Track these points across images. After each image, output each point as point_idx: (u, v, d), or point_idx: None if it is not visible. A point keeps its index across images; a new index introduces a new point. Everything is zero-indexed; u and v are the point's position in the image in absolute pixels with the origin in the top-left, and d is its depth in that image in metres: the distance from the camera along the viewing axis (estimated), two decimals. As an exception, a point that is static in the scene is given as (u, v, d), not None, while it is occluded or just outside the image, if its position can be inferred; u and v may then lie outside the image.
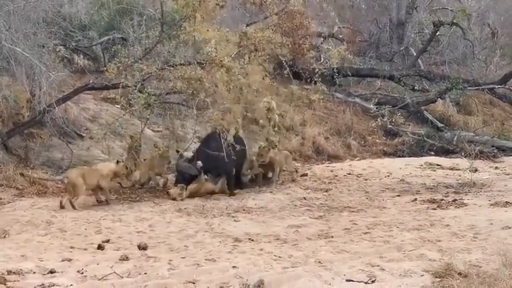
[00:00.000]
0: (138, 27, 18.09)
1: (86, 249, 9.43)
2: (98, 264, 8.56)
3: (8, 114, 14.45)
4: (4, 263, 8.43)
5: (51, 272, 8.14)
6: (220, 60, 12.86)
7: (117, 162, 12.92)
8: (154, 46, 14.51)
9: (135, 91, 13.35)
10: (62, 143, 15.01)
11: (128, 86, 13.50)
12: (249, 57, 13.50)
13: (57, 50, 14.35)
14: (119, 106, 15.56)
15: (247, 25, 14.94)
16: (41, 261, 8.64)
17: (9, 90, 14.13)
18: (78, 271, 8.22)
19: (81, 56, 19.62)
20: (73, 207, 11.94)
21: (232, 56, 13.24)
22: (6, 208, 11.85)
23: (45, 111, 13.60)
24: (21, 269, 8.13)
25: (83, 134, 15.65)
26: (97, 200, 12.63)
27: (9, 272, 8.00)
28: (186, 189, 13.19)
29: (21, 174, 10.23)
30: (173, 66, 13.77)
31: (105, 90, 15.79)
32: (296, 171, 15.49)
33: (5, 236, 9.93)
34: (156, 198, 13.11)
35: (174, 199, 12.96)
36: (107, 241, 9.79)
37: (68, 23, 17.78)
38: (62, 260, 8.71)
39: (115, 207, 12.26)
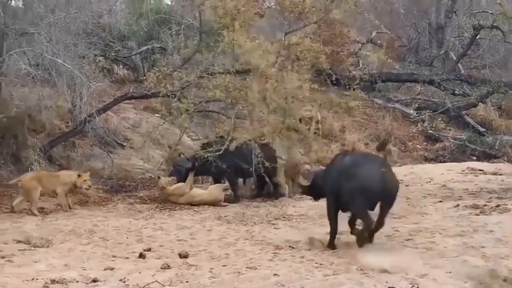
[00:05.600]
0: (177, 36, 18.20)
1: (127, 257, 9.47)
2: (139, 272, 8.59)
3: (50, 124, 14.64)
4: (48, 272, 8.51)
5: (94, 280, 8.19)
6: (263, 70, 12.88)
7: (79, 175, 12.72)
8: (193, 55, 14.60)
9: (175, 99, 13.45)
10: (103, 153, 15.15)
11: (168, 95, 13.60)
12: (291, 67, 13.49)
13: (97, 60, 14.54)
14: (158, 115, 15.67)
15: (286, 34, 14.93)
16: (84, 270, 8.70)
17: (51, 101, 14.32)
18: (120, 280, 8.26)
19: (121, 66, 19.80)
20: (33, 214, 12.06)
21: (274, 65, 13.24)
22: (49, 218, 11.98)
23: (86, 121, 13.76)
24: (64, 278, 8.19)
25: (124, 143, 15.78)
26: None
27: (53, 281, 8.07)
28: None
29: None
30: (212, 75, 13.83)
31: (145, 100, 15.92)
32: None
33: (48, 245, 10.03)
34: (196, 207, 13.14)
35: (162, 188, 13.45)
36: (149, 250, 9.82)
37: (107, 34, 17.98)
38: (105, 269, 8.76)
39: (156, 215, 12.33)
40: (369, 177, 9.32)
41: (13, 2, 14.56)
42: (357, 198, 9.35)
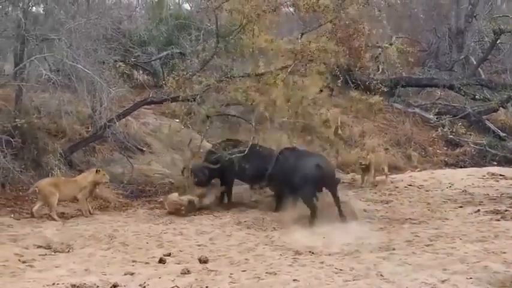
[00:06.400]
0: (196, 41, 18.23)
1: (147, 262, 9.51)
2: (159, 277, 8.62)
3: (70, 129, 14.71)
4: (68, 277, 8.56)
5: (114, 285, 8.22)
6: (276, 75, 12.89)
7: (97, 171, 12.88)
8: (211, 58, 14.59)
9: (195, 103, 13.46)
10: (123, 158, 15.19)
11: (188, 100, 13.62)
12: (305, 69, 13.46)
13: (117, 66, 14.60)
14: (178, 120, 15.69)
15: (302, 34, 14.90)
16: (104, 275, 8.74)
17: (71, 106, 14.40)
18: (140, 285, 8.29)
19: (141, 72, 19.86)
20: (53, 219, 12.06)
21: (288, 69, 13.22)
22: (70, 223, 12.03)
23: (106, 126, 13.79)
24: (85, 283, 8.24)
25: (143, 149, 15.81)
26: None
27: (74, 286, 8.13)
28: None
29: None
30: (231, 78, 13.83)
31: (164, 105, 15.95)
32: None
33: (68, 250, 10.08)
34: (216, 212, 13.15)
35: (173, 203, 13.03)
36: (168, 255, 9.86)
37: (127, 39, 18.04)
38: (125, 274, 8.79)
39: (176, 220, 12.34)
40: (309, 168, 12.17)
41: (34, 8, 14.65)
42: (302, 185, 12.15)
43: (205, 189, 13.61)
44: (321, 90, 13.81)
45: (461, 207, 13.31)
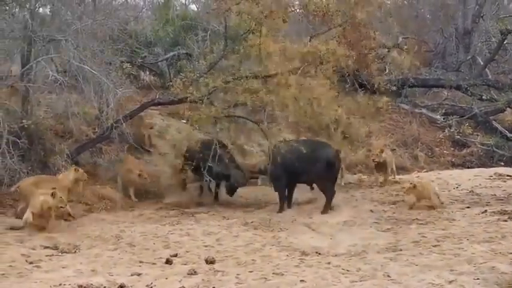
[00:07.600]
0: (203, 42, 18.23)
1: (154, 263, 9.51)
2: (166, 278, 8.62)
3: (77, 130, 14.72)
4: (75, 278, 8.56)
5: (121, 286, 8.23)
6: (286, 79, 12.91)
7: (75, 169, 12.79)
8: (219, 60, 14.60)
9: (202, 105, 13.47)
10: (130, 159, 15.19)
11: (195, 101, 13.61)
12: (315, 71, 13.46)
13: (124, 66, 14.58)
14: (185, 121, 15.69)
15: (311, 37, 14.89)
16: (111, 275, 8.74)
17: (78, 107, 14.40)
18: (147, 285, 8.30)
19: (147, 72, 19.87)
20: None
21: (297, 71, 13.23)
22: (76, 223, 12.03)
23: (112, 127, 13.80)
24: (91, 284, 8.24)
25: (150, 149, 15.82)
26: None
27: (80, 287, 8.13)
28: None
29: None
30: (239, 79, 13.83)
31: (171, 106, 15.95)
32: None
33: (75, 251, 10.09)
34: (223, 213, 13.16)
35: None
36: (175, 255, 9.86)
37: (134, 40, 18.04)
38: (132, 275, 8.79)
39: (183, 221, 12.36)
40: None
41: (41, 9, 14.67)
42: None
43: None
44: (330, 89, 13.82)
45: (468, 207, 13.29)
